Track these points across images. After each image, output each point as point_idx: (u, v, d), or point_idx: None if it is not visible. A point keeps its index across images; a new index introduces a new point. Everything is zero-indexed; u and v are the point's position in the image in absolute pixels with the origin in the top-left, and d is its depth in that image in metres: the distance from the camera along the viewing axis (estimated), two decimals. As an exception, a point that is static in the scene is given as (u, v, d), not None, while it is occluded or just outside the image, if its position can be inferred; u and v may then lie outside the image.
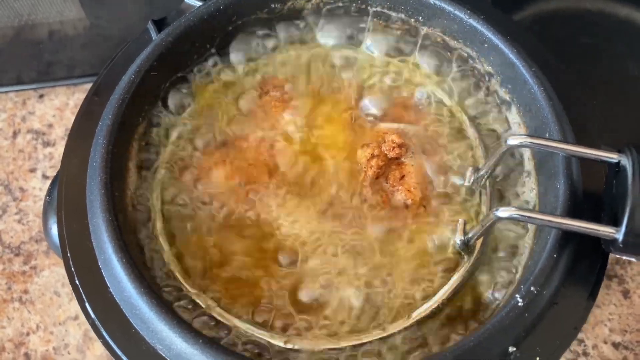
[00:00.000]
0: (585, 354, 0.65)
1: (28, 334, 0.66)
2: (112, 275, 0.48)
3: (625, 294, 0.68)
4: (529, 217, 0.47)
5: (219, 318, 0.50)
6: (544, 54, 0.58)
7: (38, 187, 0.75)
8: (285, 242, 0.54)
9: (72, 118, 0.77)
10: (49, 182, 0.74)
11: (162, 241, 0.53)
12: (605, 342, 0.65)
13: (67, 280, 0.68)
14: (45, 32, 0.78)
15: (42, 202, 0.73)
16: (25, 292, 0.69)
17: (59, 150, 0.77)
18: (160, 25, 0.60)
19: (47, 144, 0.77)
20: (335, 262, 0.53)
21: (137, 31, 0.62)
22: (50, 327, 0.67)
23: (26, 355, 0.65)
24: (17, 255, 0.71)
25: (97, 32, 0.79)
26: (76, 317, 0.67)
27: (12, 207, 0.73)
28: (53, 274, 0.70)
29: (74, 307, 0.68)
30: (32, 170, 0.76)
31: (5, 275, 0.69)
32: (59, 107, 0.80)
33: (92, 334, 0.66)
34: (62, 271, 0.70)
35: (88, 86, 0.80)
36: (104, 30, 0.79)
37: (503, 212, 0.46)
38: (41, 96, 0.80)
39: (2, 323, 0.67)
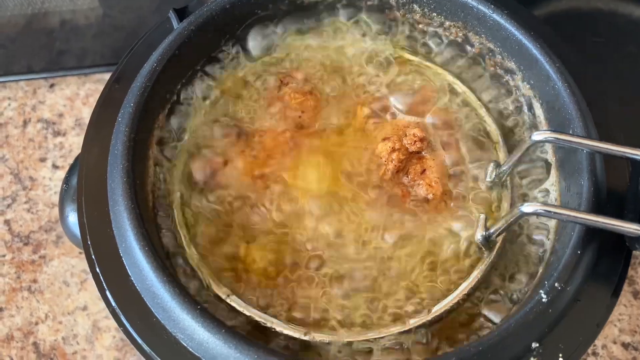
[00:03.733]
0: (594, 354, 0.65)
1: (37, 324, 0.66)
2: (133, 264, 0.47)
3: (636, 294, 0.68)
4: (555, 212, 0.46)
5: (238, 308, 0.50)
6: (566, 50, 0.58)
7: (48, 177, 0.74)
8: (306, 236, 0.54)
9: (83, 108, 0.78)
10: (59, 171, 0.74)
11: (182, 230, 0.53)
12: (615, 342, 0.65)
13: (76, 270, 0.68)
14: (57, 21, 0.78)
15: (51, 192, 0.73)
16: (34, 281, 0.68)
17: (69, 140, 0.76)
18: (181, 14, 0.59)
19: (57, 133, 0.77)
20: (354, 256, 0.53)
21: (150, 22, 0.62)
22: (59, 317, 0.66)
23: (35, 344, 0.65)
24: (26, 244, 0.70)
25: (109, 21, 0.78)
26: (85, 308, 0.67)
27: (22, 196, 0.73)
28: (62, 264, 0.69)
29: (83, 297, 0.67)
30: (42, 160, 0.75)
31: (15, 264, 0.69)
32: (69, 96, 0.79)
33: (101, 324, 0.66)
34: (72, 261, 0.69)
35: (99, 76, 0.80)
36: (117, 20, 0.78)
37: (528, 207, 0.46)
38: (52, 85, 0.80)
39: (11, 312, 0.66)
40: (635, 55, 0.79)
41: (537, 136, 0.49)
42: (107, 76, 0.79)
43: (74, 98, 0.79)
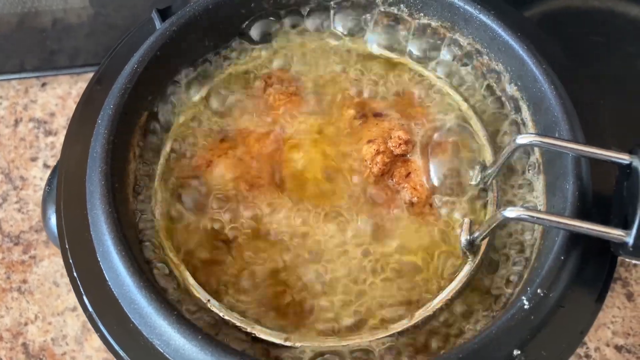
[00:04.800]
0: (587, 356, 0.64)
1: (26, 324, 0.66)
2: (110, 268, 0.47)
3: (629, 296, 0.67)
4: (537, 217, 0.46)
5: (219, 313, 0.50)
6: (555, 51, 0.58)
7: (39, 177, 0.74)
8: (289, 239, 0.53)
9: (74, 107, 0.78)
10: (50, 171, 0.74)
11: (163, 235, 0.53)
12: (608, 345, 0.65)
13: (66, 271, 0.68)
14: (48, 20, 0.77)
15: (42, 192, 0.73)
16: (24, 281, 0.68)
17: (61, 139, 0.76)
18: (164, 14, 0.59)
19: (48, 133, 0.77)
20: (337, 259, 0.53)
21: (141, 20, 0.61)
22: (49, 318, 0.66)
23: (24, 345, 0.65)
24: (16, 244, 0.70)
25: (101, 20, 0.78)
26: (74, 308, 0.67)
27: (12, 196, 0.73)
28: (52, 264, 0.69)
29: (73, 297, 0.67)
30: (34, 159, 0.75)
31: (4, 265, 0.69)
32: (61, 96, 0.79)
33: (90, 325, 0.66)
34: (62, 261, 0.69)
35: (91, 75, 0.79)
36: (108, 19, 0.78)
37: (511, 212, 0.46)
38: (44, 85, 0.80)
39: (1, 312, 0.66)
40: (633, 54, 0.78)
41: (522, 139, 0.49)
42: (99, 75, 0.79)
43: (66, 97, 0.79)
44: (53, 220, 0.53)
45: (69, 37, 0.79)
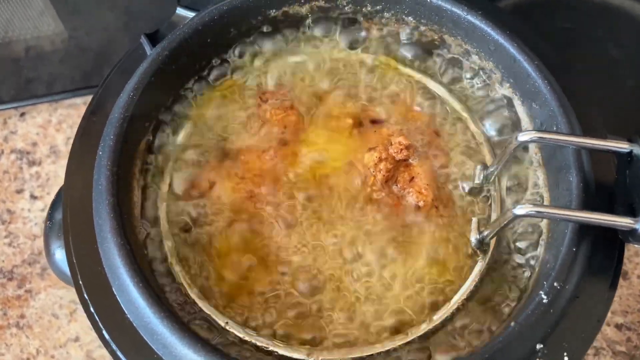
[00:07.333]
0: (589, 337, 0.66)
1: (28, 360, 0.65)
2: (128, 301, 0.46)
3: (624, 275, 0.69)
4: (547, 213, 0.47)
5: (239, 335, 0.50)
6: (541, 44, 0.58)
7: (27, 208, 0.73)
8: (300, 254, 0.53)
9: (57, 135, 0.77)
10: (37, 202, 0.73)
11: (173, 260, 0.52)
12: (608, 324, 0.66)
13: (64, 301, 0.67)
14: (22, 49, 0.76)
15: (32, 224, 0.72)
16: (22, 316, 0.67)
17: (45, 168, 0.75)
18: (153, 38, 0.58)
19: (32, 163, 0.75)
20: (350, 268, 0.53)
21: (117, 41, 0.60)
22: (51, 351, 0.66)
23: (29, 382, 0.64)
24: (10, 279, 0.69)
25: (75, 44, 0.77)
26: (77, 339, 0.66)
27: (1, 231, 0.72)
28: (50, 296, 0.68)
29: (74, 328, 0.67)
30: (19, 192, 0.74)
31: (0, 301, 0.67)
32: (41, 124, 0.78)
33: (95, 354, 0.65)
34: (59, 292, 0.68)
35: (70, 101, 0.79)
36: (83, 42, 0.77)
37: (520, 209, 0.46)
38: (22, 114, 0.78)
39: (1, 350, 0.65)
40: (604, 38, 0.79)
41: (522, 137, 0.49)
42: (78, 101, 0.78)
43: (47, 125, 0.78)
44: (59, 254, 0.52)
45: (44, 64, 0.77)
